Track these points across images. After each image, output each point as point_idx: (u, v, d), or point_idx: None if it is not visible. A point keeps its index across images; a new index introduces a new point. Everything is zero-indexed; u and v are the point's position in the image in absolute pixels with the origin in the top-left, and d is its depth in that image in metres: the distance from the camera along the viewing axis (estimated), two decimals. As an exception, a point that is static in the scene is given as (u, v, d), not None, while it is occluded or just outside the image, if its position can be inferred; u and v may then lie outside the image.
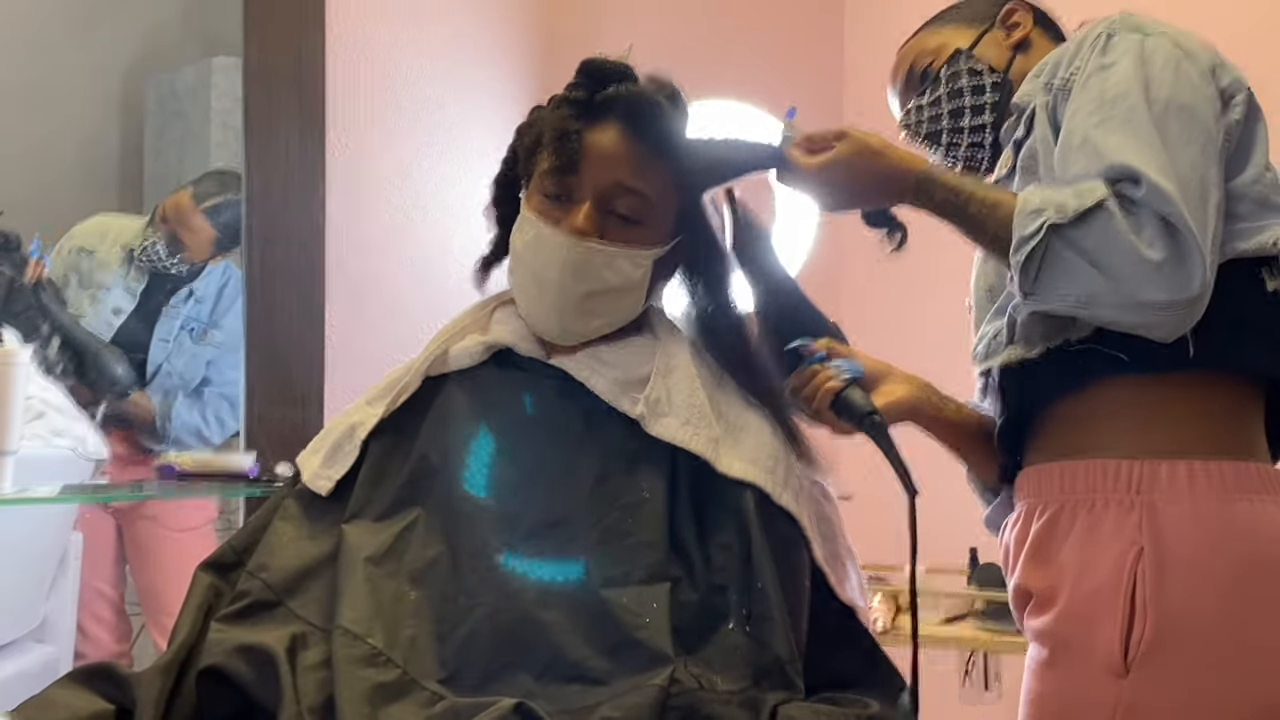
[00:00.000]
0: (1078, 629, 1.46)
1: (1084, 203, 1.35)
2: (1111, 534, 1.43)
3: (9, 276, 2.42)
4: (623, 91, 1.53)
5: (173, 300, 2.68)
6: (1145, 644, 1.40)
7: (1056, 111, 1.47)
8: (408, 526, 1.48)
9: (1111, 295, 1.35)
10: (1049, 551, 1.51)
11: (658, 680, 1.32)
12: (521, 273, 1.56)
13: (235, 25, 2.49)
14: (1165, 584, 1.40)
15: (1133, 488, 1.43)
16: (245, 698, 1.38)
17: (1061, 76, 1.48)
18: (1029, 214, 1.38)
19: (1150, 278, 1.33)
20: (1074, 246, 1.36)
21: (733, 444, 1.49)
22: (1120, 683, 1.41)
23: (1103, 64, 1.43)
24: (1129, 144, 1.37)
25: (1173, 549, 1.40)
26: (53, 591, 2.48)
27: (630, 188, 1.52)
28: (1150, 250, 1.33)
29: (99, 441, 2.45)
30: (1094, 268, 1.35)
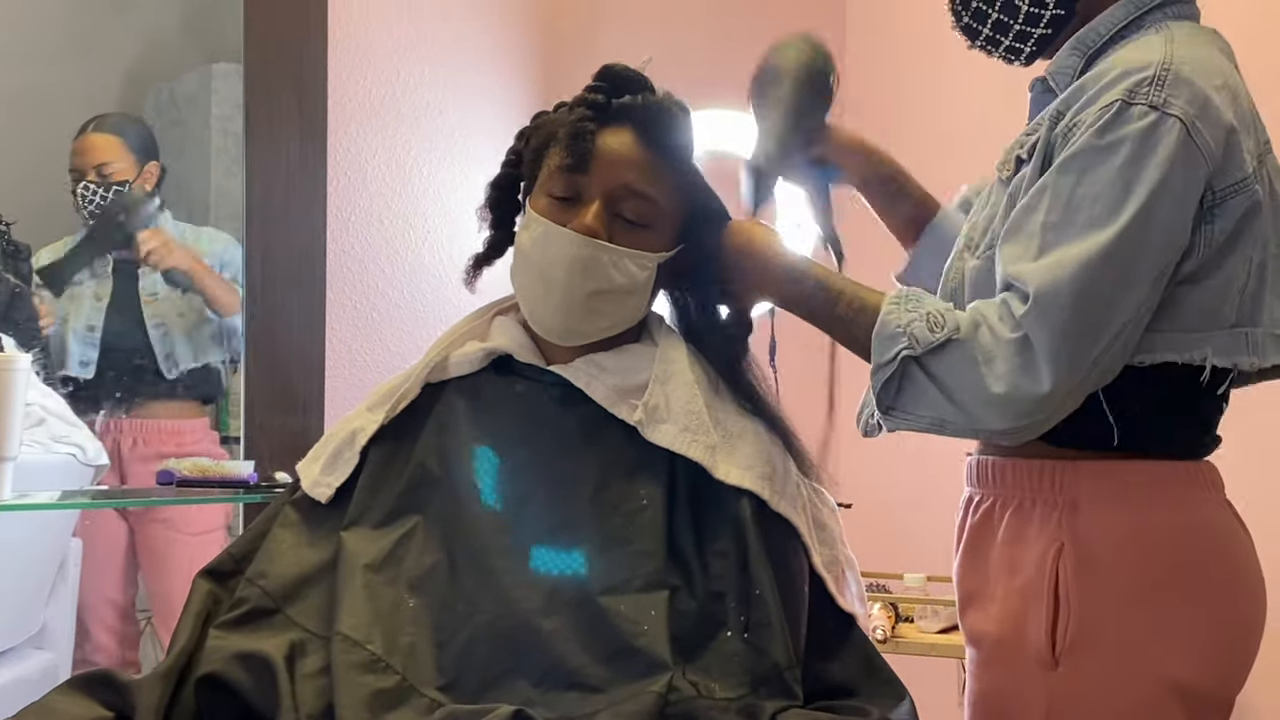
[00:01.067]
0: (1009, 626, 1.49)
1: (936, 336, 1.39)
2: (1037, 532, 1.47)
3: (12, 284, 2.42)
4: (641, 100, 1.55)
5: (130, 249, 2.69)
6: (1070, 636, 1.43)
7: (1052, 154, 1.43)
8: (407, 534, 1.48)
9: (960, 420, 1.39)
10: (981, 548, 1.55)
11: (656, 688, 1.32)
12: (527, 271, 1.56)
13: (236, 32, 2.49)
14: (1085, 579, 1.44)
15: (1056, 486, 1.46)
16: (244, 705, 1.38)
17: (1068, 121, 1.41)
18: (887, 338, 1.41)
19: (992, 409, 1.36)
20: (927, 373, 1.40)
21: (730, 451, 1.49)
22: (1051, 675, 1.45)
23: (1096, 145, 1.36)
24: (1055, 263, 1.35)
25: (1091, 546, 1.44)
26: (52, 598, 2.48)
27: (639, 191, 1.52)
28: (996, 384, 1.35)
29: (99, 448, 2.45)
30: (942, 394, 1.39)
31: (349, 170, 2.63)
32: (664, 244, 1.55)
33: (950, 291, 1.54)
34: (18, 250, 2.45)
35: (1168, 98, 1.35)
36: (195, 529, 2.67)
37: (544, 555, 1.44)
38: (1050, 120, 1.43)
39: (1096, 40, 1.48)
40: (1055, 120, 1.43)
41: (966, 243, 1.52)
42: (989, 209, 1.51)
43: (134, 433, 2.66)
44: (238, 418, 2.54)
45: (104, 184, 2.64)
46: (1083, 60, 1.48)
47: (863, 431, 1.58)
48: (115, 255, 2.66)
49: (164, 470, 2.03)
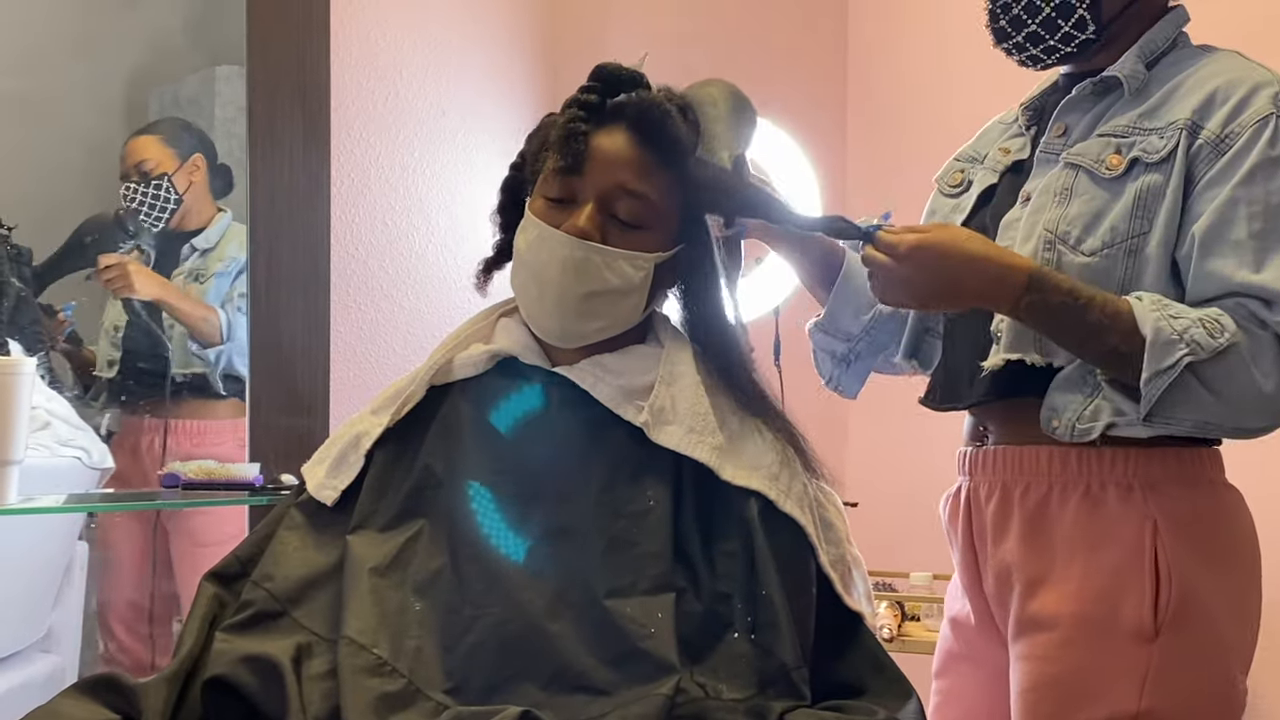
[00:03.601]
0: (1101, 603, 1.54)
1: (1218, 341, 1.45)
2: (1118, 513, 1.54)
3: (17, 288, 2.43)
4: (634, 98, 1.54)
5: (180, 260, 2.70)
6: (1173, 609, 1.51)
7: (1195, 164, 1.52)
8: (412, 537, 1.48)
9: (1225, 421, 1.48)
10: (1041, 535, 1.59)
11: (663, 690, 1.32)
12: (523, 273, 1.56)
13: (239, 34, 2.49)
14: (1182, 553, 1.52)
15: (1128, 470, 1.54)
16: (250, 708, 1.38)
17: (1214, 131, 1.51)
18: (1164, 344, 1.45)
19: (1260, 409, 1.47)
20: (1202, 378, 1.45)
21: (736, 452, 1.49)
22: (1150, 647, 1.52)
23: (1271, 156, 1.49)
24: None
25: (1181, 521, 1.53)
26: (58, 602, 2.48)
27: (633, 191, 1.51)
28: (1265, 380, 1.45)
29: (104, 451, 2.45)
30: (1214, 397, 1.46)
31: (352, 172, 2.64)
32: (661, 243, 1.55)
33: None
34: (20, 254, 2.45)
35: None
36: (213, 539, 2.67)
37: (550, 557, 1.44)
38: (1187, 131, 1.52)
39: (1155, 50, 1.60)
40: (1193, 131, 1.52)
41: (1060, 236, 1.56)
42: (1083, 203, 1.56)
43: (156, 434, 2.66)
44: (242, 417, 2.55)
45: (144, 180, 2.67)
46: (1145, 66, 1.60)
47: (1069, 438, 1.56)
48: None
49: (169, 473, 2.04)
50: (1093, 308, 1.48)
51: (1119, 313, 1.48)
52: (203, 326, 2.67)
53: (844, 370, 1.86)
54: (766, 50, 3.22)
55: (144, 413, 2.66)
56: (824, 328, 1.83)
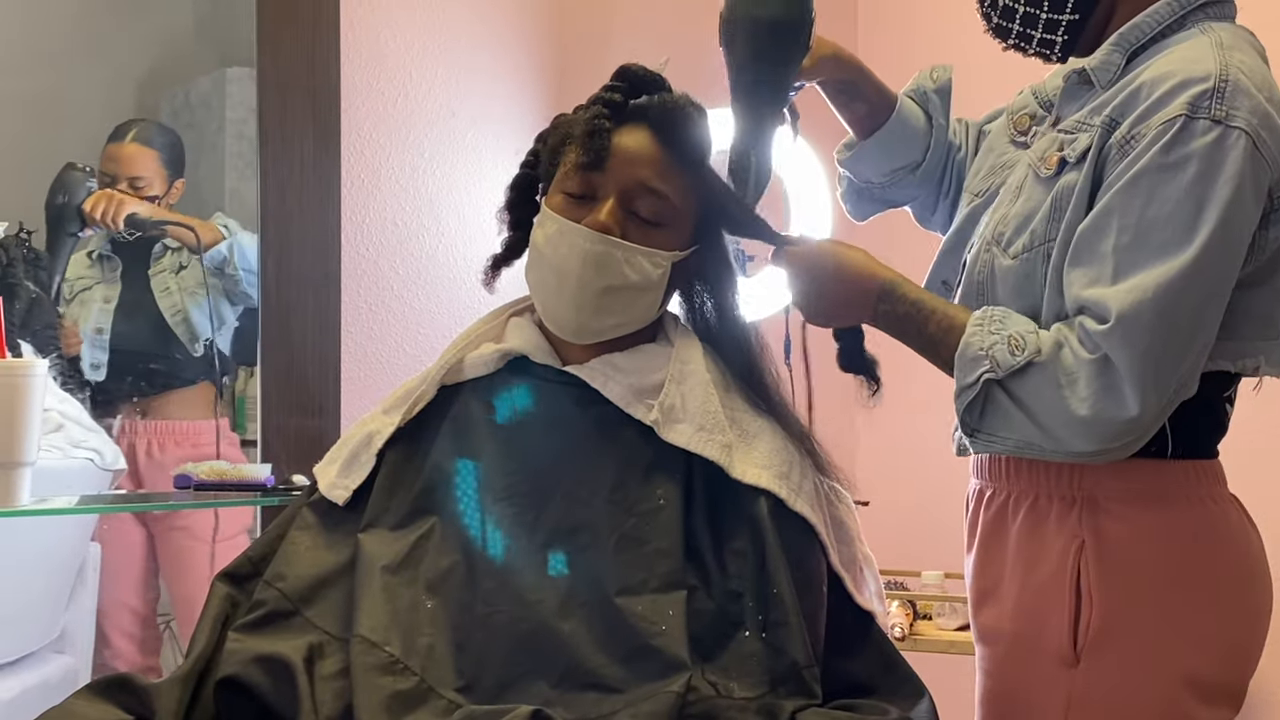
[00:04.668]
0: (1028, 623, 1.49)
1: (1017, 360, 1.38)
2: (1055, 529, 1.48)
3: (32, 291, 2.43)
4: (657, 100, 1.56)
5: (152, 259, 2.66)
6: (1093, 633, 1.44)
7: (1104, 165, 1.41)
8: (424, 535, 1.48)
9: (1046, 443, 1.39)
10: (995, 544, 1.56)
11: (674, 687, 1.33)
12: (541, 268, 1.56)
13: (249, 36, 2.49)
14: (1107, 575, 1.44)
15: (1074, 483, 1.47)
16: (263, 707, 1.39)
17: (1124, 132, 1.39)
18: (969, 361, 1.42)
19: (1078, 431, 1.36)
20: (1010, 396, 1.40)
21: (746, 450, 1.49)
22: (1071, 672, 1.45)
23: (1164, 163, 1.34)
24: (1129, 285, 1.34)
25: (1113, 541, 1.44)
26: (71, 602, 2.49)
27: (653, 189, 1.53)
28: (1080, 407, 1.35)
29: (116, 453, 2.45)
30: (1027, 417, 1.39)
31: (362, 173, 2.64)
32: (678, 243, 1.55)
33: (976, 285, 1.54)
34: (38, 258, 2.45)
35: (1230, 110, 1.34)
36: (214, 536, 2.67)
37: (561, 556, 1.44)
38: (1104, 127, 1.42)
39: (1139, 38, 1.46)
40: (1109, 128, 1.41)
41: (995, 236, 1.51)
42: (1021, 203, 1.49)
43: (149, 435, 2.66)
44: (254, 420, 2.54)
45: (132, 194, 2.64)
46: (1124, 58, 1.47)
47: (956, 451, 1.58)
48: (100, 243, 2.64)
49: (181, 474, 2.04)
50: (932, 320, 1.47)
51: (953, 327, 1.45)
52: (199, 230, 2.62)
53: (855, 197, 1.86)
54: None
55: (135, 414, 2.65)
56: (845, 163, 1.84)
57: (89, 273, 2.64)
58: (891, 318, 1.51)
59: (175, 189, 2.67)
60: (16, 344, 2.16)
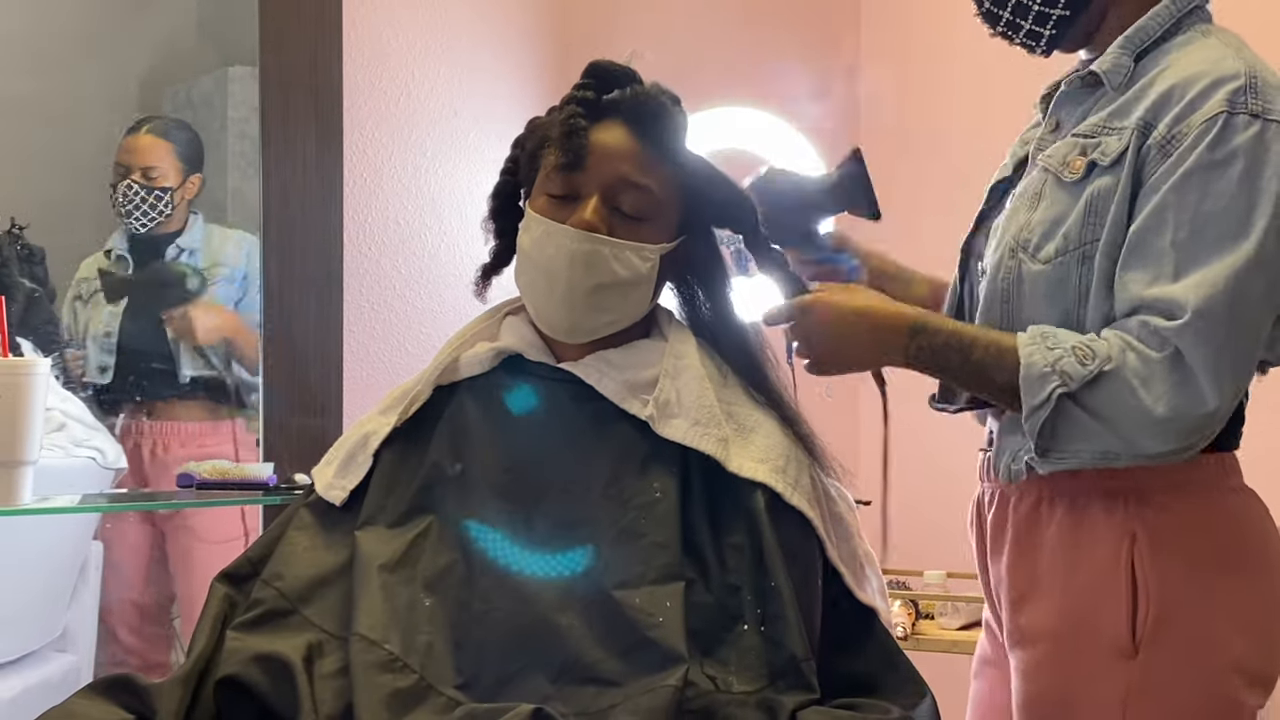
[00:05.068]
0: (1077, 620, 1.49)
1: (1088, 369, 1.38)
2: (1103, 524, 1.48)
3: (29, 288, 2.43)
4: (629, 93, 1.55)
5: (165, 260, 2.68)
6: (1151, 623, 1.45)
7: (1144, 167, 1.43)
8: (421, 534, 1.48)
9: (1125, 449, 1.40)
10: (1030, 545, 1.54)
11: (671, 681, 1.33)
12: (530, 270, 1.56)
13: (251, 35, 2.49)
14: (1161, 564, 1.45)
15: (1114, 481, 1.47)
16: (263, 706, 1.39)
17: (1163, 133, 1.41)
18: (1036, 379, 1.41)
19: (1157, 433, 1.37)
20: (1084, 408, 1.40)
21: (743, 444, 1.49)
22: (1130, 664, 1.46)
23: (1213, 159, 1.38)
24: (1196, 280, 1.36)
25: (1163, 532, 1.46)
26: (73, 601, 2.49)
27: (636, 183, 1.52)
28: (1157, 406, 1.36)
29: (118, 451, 2.46)
30: (1103, 426, 1.39)
31: (365, 172, 2.64)
32: (665, 235, 1.55)
33: (1001, 291, 1.52)
34: (32, 254, 2.45)
35: (1265, 105, 1.39)
36: (217, 536, 2.67)
37: (558, 551, 1.44)
38: (1138, 130, 1.43)
39: (1145, 40, 1.49)
40: (1144, 131, 1.43)
41: (1020, 243, 1.50)
42: (1045, 209, 1.50)
43: (156, 436, 2.66)
44: (256, 420, 2.55)
45: (147, 187, 2.64)
46: (1133, 59, 1.49)
47: (1006, 479, 1.54)
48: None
49: (184, 473, 2.04)
50: (977, 347, 1.46)
51: (1003, 349, 1.44)
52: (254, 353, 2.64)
53: None
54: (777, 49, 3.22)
55: (140, 415, 2.66)
56: None
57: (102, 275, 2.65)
58: (928, 351, 1.48)
59: (191, 183, 2.68)
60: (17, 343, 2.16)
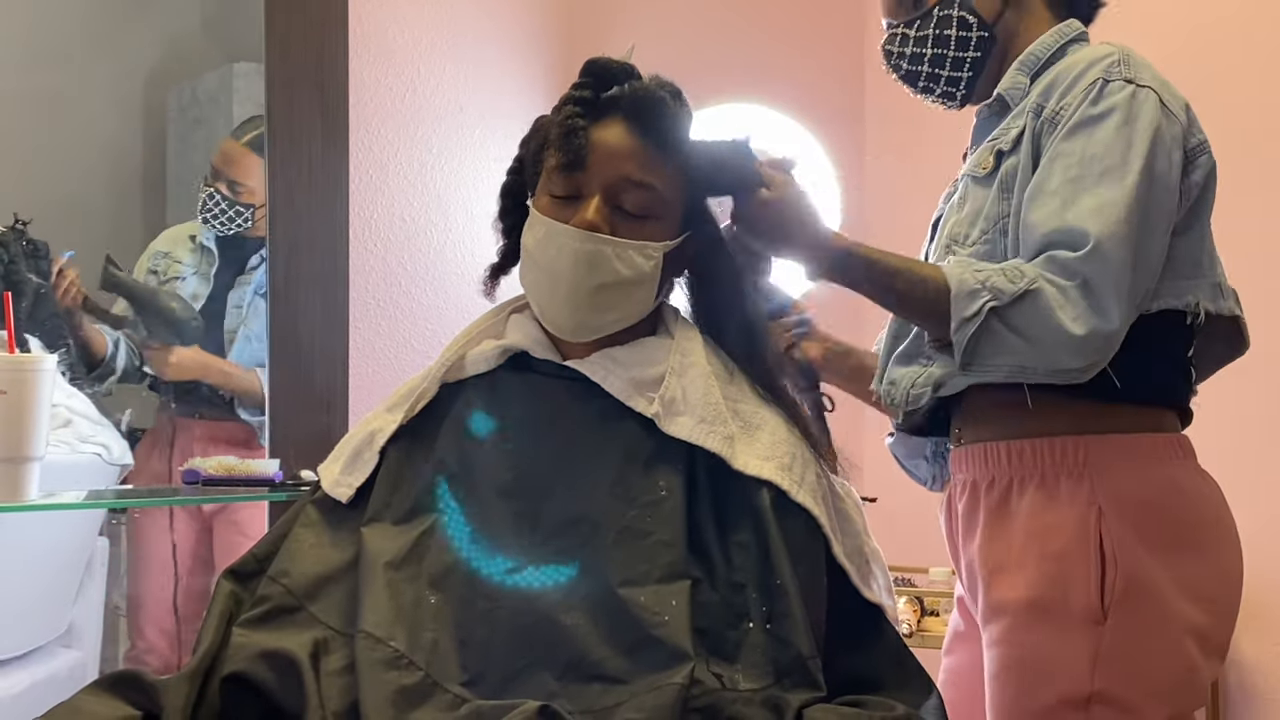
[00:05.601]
0: (1049, 588, 1.58)
1: (1018, 286, 1.51)
2: (1068, 500, 1.59)
3: (35, 284, 2.43)
4: (628, 90, 1.54)
5: (246, 268, 2.68)
6: (1119, 590, 1.55)
7: (1040, 140, 1.59)
8: (426, 531, 1.48)
9: (1040, 364, 1.52)
10: (1003, 525, 1.63)
11: (677, 679, 1.32)
12: (534, 271, 1.56)
13: (256, 32, 2.49)
14: (1125, 536, 1.56)
15: (1079, 459, 1.59)
16: (269, 703, 1.39)
17: (1052, 108, 1.59)
18: (967, 295, 1.53)
19: (1072, 349, 1.50)
20: (1008, 324, 1.51)
21: (749, 441, 1.49)
22: (1099, 629, 1.56)
23: (1091, 114, 1.56)
24: (1091, 208, 1.51)
25: (1127, 506, 1.57)
26: (79, 597, 2.49)
27: (638, 182, 1.52)
28: (1074, 325, 1.48)
29: (124, 447, 2.46)
30: (1023, 341, 1.51)
31: (370, 168, 2.64)
32: (669, 232, 1.55)
33: None
34: (37, 249, 2.45)
35: (1136, 75, 1.58)
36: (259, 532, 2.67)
37: (564, 549, 1.44)
38: (1031, 113, 1.61)
39: (1036, 62, 1.69)
40: (1038, 112, 1.61)
41: (951, 239, 1.67)
42: (969, 206, 1.66)
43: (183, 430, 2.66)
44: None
45: (230, 200, 2.65)
46: (1029, 79, 1.68)
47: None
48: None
49: (189, 469, 2.04)
50: (908, 263, 1.59)
51: (925, 279, 1.57)
52: (248, 394, 2.64)
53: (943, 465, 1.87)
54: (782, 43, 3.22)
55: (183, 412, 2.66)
56: None
57: (189, 259, 2.65)
58: (859, 255, 1.59)
59: None
60: (25, 339, 2.17)
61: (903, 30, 1.75)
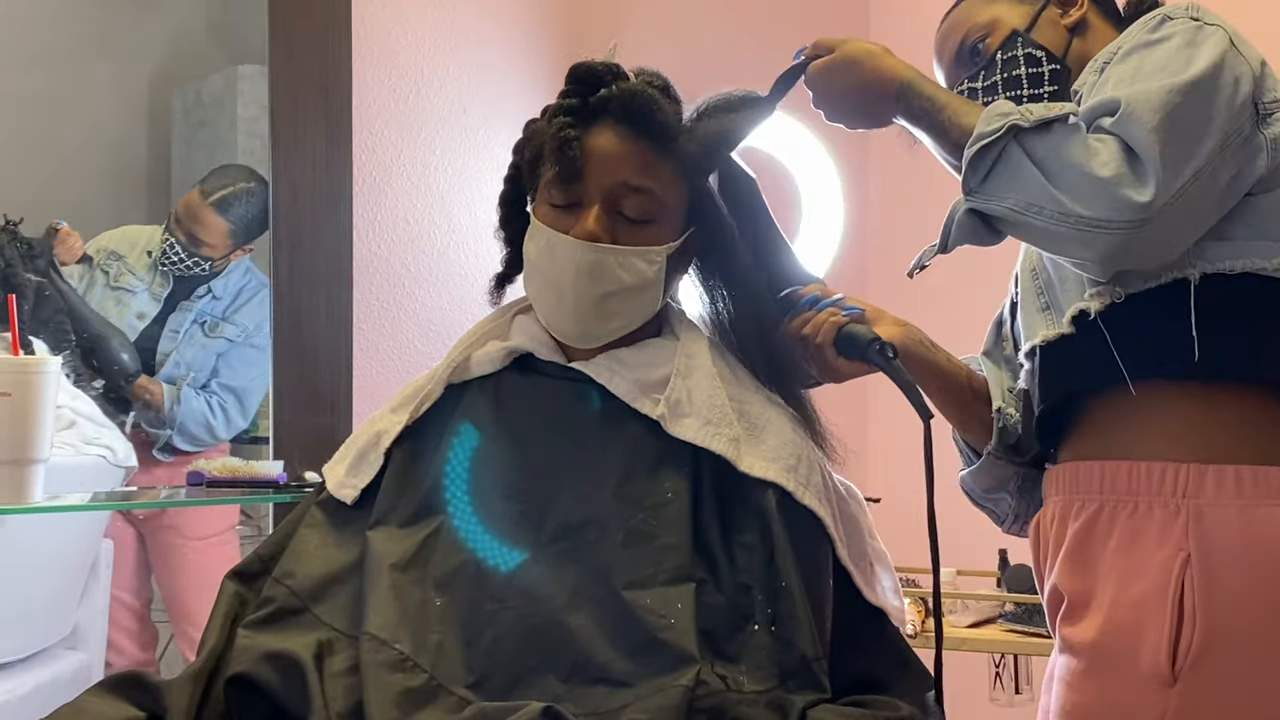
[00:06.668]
0: (1122, 638, 1.43)
1: (1050, 113, 1.38)
2: (1156, 539, 1.41)
3: (37, 283, 2.43)
4: (615, 91, 1.52)
5: (192, 295, 2.68)
6: (1194, 652, 1.37)
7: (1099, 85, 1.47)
8: (432, 533, 1.48)
9: (1050, 204, 1.36)
10: (1087, 555, 1.48)
11: (683, 681, 1.32)
12: (537, 281, 1.56)
13: (260, 33, 2.50)
14: (1213, 590, 1.37)
15: (1178, 492, 1.41)
16: (274, 704, 1.39)
17: (1109, 52, 1.49)
18: (996, 114, 1.41)
19: (1090, 193, 1.34)
20: (1029, 151, 1.38)
21: (754, 443, 1.49)
22: (1168, 692, 1.39)
23: (1149, 40, 1.43)
24: (1136, 89, 1.38)
25: (1220, 555, 1.38)
26: (84, 599, 2.49)
27: (636, 186, 1.51)
28: (1101, 168, 1.34)
29: (129, 449, 2.46)
30: (1041, 174, 1.37)
31: (374, 170, 2.64)
32: (671, 234, 1.54)
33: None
34: (31, 248, 2.44)
35: (1203, 15, 1.44)
36: (202, 533, 2.68)
37: (569, 551, 1.44)
38: (1100, 69, 1.49)
39: (1109, 57, 1.51)
40: (1104, 68, 1.48)
41: None
42: None
43: None
44: (266, 418, 2.55)
45: (189, 251, 2.65)
46: (1098, 74, 1.51)
47: (916, 266, 1.58)
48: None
49: (194, 471, 2.04)
50: (947, 109, 1.49)
51: (970, 112, 1.47)
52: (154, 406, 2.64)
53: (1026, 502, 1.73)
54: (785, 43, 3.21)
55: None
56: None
57: (143, 274, 2.66)
58: (921, 92, 1.52)
59: (236, 255, 2.69)
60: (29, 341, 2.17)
61: (968, 86, 1.63)
